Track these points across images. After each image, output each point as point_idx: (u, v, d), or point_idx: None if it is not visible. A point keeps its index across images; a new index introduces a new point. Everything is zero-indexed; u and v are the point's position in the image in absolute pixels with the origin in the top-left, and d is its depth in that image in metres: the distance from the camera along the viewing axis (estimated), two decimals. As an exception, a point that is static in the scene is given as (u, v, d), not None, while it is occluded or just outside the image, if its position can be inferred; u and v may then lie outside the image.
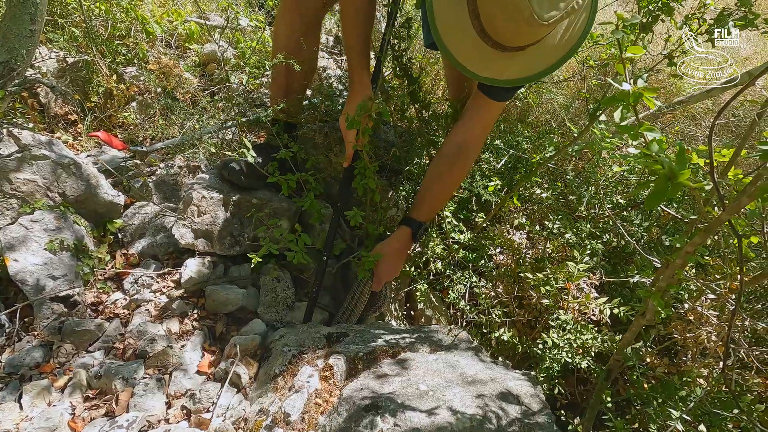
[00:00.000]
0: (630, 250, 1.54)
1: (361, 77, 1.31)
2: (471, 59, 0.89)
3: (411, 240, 1.37)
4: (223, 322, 1.33)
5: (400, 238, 1.37)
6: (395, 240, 1.38)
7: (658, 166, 0.50)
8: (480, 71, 0.90)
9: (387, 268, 1.37)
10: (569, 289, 1.11)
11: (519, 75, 0.93)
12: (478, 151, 1.48)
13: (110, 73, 2.16)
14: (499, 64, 0.88)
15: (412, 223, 1.37)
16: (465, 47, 0.87)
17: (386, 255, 1.36)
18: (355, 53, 1.31)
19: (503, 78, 0.92)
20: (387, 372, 0.91)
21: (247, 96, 2.35)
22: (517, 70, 0.90)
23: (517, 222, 1.54)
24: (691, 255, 0.65)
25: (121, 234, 1.49)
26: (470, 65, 0.89)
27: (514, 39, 0.84)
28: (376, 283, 1.37)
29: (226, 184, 1.50)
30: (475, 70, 0.90)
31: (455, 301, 1.49)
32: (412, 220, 1.37)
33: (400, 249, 1.38)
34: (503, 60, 0.87)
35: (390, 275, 1.40)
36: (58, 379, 1.06)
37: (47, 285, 1.23)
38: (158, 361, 1.12)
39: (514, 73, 0.91)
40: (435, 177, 1.38)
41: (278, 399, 0.91)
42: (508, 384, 0.88)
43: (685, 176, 0.48)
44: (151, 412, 1.00)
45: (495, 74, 0.90)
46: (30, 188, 1.33)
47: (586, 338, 1.08)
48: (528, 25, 0.79)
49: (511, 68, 0.89)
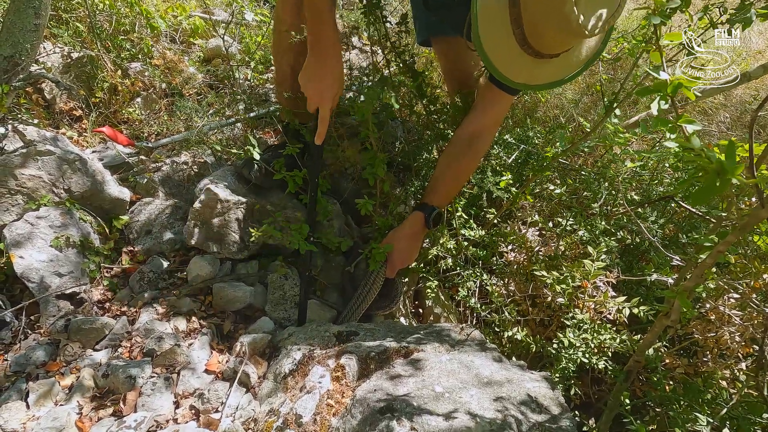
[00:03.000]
0: (644, 247, 1.50)
1: (336, 38, 1.13)
2: (507, 65, 0.93)
3: (424, 226, 1.35)
4: (230, 320, 1.31)
5: (413, 224, 1.35)
6: (408, 225, 1.35)
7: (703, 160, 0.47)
8: (514, 77, 0.94)
9: (401, 253, 1.34)
10: (586, 287, 1.08)
11: (548, 80, 0.97)
12: (489, 142, 1.47)
13: (115, 68, 2.14)
14: (532, 70, 0.93)
15: (425, 208, 1.34)
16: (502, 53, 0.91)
17: (400, 240, 1.34)
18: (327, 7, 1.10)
19: (534, 83, 0.97)
20: (400, 372, 0.89)
21: (253, 91, 2.32)
22: (547, 75, 0.95)
23: (531, 219, 1.51)
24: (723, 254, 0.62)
25: (127, 230, 1.47)
26: (506, 71, 0.93)
27: (554, 47, 0.88)
28: (389, 270, 1.34)
29: (243, 183, 1.48)
30: (510, 76, 0.94)
31: (465, 298, 1.46)
32: (424, 205, 1.35)
33: (413, 234, 1.36)
34: (536, 66, 0.91)
35: (404, 261, 1.37)
36: (65, 377, 1.05)
37: (53, 282, 1.21)
38: (166, 359, 1.10)
39: (544, 78, 0.96)
40: (447, 165, 1.37)
41: (289, 400, 0.88)
42: (526, 385, 0.86)
43: (737, 172, 0.45)
44: (159, 411, 0.98)
45: (527, 79, 0.95)
46: (35, 184, 1.31)
47: (604, 338, 1.05)
48: (574, 35, 0.82)
49: (542, 73, 0.94)
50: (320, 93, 1.15)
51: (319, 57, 1.12)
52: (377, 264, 1.33)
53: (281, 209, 1.44)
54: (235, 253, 1.41)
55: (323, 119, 1.19)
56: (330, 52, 1.13)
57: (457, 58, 1.72)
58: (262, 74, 2.45)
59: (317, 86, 1.15)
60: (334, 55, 1.14)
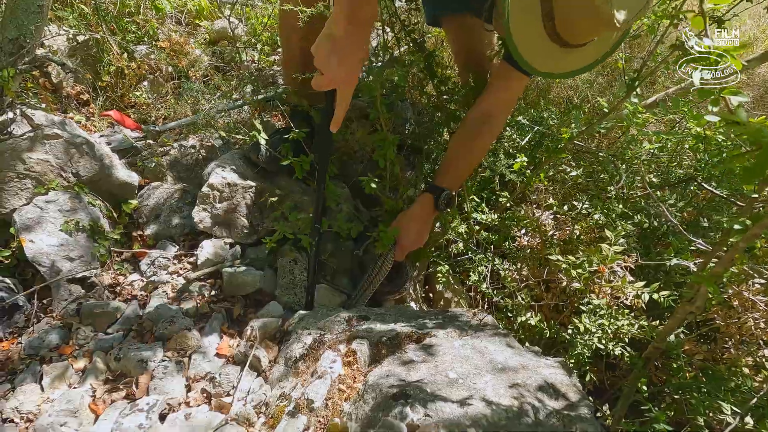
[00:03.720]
0: (662, 231, 1.46)
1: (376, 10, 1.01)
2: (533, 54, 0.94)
3: (434, 208, 1.32)
4: (240, 304, 1.31)
5: (422, 206, 1.32)
6: (417, 207, 1.33)
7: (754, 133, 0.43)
8: (540, 66, 0.95)
9: (410, 236, 1.32)
10: (603, 272, 1.05)
11: (570, 68, 0.98)
12: (503, 123, 1.44)
13: (121, 51, 2.11)
14: (557, 60, 0.94)
15: (435, 190, 1.32)
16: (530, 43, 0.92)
17: (408, 222, 1.32)
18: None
19: (557, 72, 0.98)
20: (413, 358, 0.87)
21: (260, 74, 2.28)
22: (571, 63, 0.96)
23: (547, 202, 1.47)
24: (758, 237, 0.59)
25: (137, 215, 1.47)
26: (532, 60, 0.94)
27: (583, 38, 0.90)
28: (398, 253, 1.33)
29: (251, 167, 1.46)
30: (536, 66, 0.95)
31: (477, 283, 1.44)
32: (434, 186, 1.33)
33: (423, 216, 1.33)
34: (562, 55, 0.93)
35: (413, 244, 1.34)
36: (78, 361, 1.05)
37: (64, 266, 1.21)
38: (177, 343, 1.10)
39: (567, 66, 0.97)
40: (459, 146, 1.34)
41: (300, 384, 0.88)
42: (543, 372, 0.84)
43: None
44: (171, 395, 0.99)
45: (552, 68, 0.97)
46: (43, 168, 1.30)
47: (621, 324, 1.03)
48: (605, 26, 0.84)
49: (566, 62, 0.95)
50: (344, 70, 0.99)
51: (355, 28, 0.94)
52: (385, 247, 1.30)
53: (289, 193, 1.42)
54: (244, 238, 1.40)
55: (343, 103, 1.05)
56: (368, 24, 0.97)
57: (468, 37, 1.66)
58: (269, 56, 2.41)
59: (343, 62, 0.97)
60: (369, 30, 1.00)
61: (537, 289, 1.28)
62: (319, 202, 1.25)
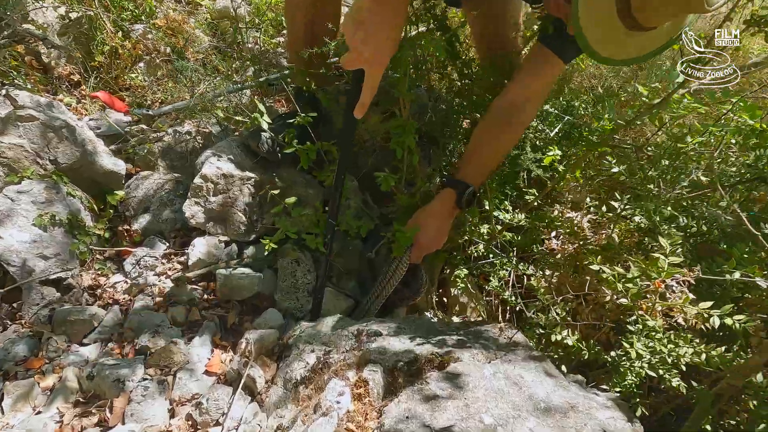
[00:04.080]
0: (714, 238, 1.29)
1: None
2: (597, 37, 0.81)
3: (455, 204, 1.17)
4: (235, 310, 1.16)
5: (443, 202, 1.17)
6: (438, 203, 1.18)
7: None
8: (601, 50, 0.82)
9: (429, 235, 1.16)
10: (659, 287, 0.89)
11: (635, 54, 0.85)
12: (535, 112, 1.29)
13: (115, 29, 1.96)
14: (619, 44, 0.82)
15: (458, 185, 1.16)
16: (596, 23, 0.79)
17: (428, 220, 1.17)
18: None
19: (617, 58, 0.85)
20: (436, 392, 0.72)
21: (263, 56, 2.12)
22: (633, 49, 0.84)
23: (586, 202, 1.30)
24: None
25: (123, 207, 1.32)
26: (595, 44, 0.81)
27: (660, 20, 0.78)
28: (415, 254, 1.17)
29: (250, 156, 1.31)
30: (597, 49, 0.82)
31: (498, 289, 1.28)
32: (457, 181, 1.17)
33: (443, 214, 1.18)
34: (624, 39, 0.80)
35: (432, 245, 1.19)
36: (46, 377, 0.91)
37: (37, 266, 1.07)
38: (161, 359, 0.96)
39: (627, 52, 0.84)
40: (485, 137, 1.20)
41: (301, 421, 0.73)
42: (597, 415, 0.68)
43: None
44: (150, 422, 0.84)
45: (612, 53, 0.84)
46: (16, 154, 1.16)
47: (683, 351, 0.87)
48: (693, 9, 0.74)
49: (629, 47, 0.83)
50: (370, 49, 0.86)
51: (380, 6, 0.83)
52: (402, 250, 1.15)
53: (292, 185, 1.27)
54: (241, 235, 1.25)
55: (370, 86, 0.91)
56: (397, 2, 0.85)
57: (491, 19, 1.49)
58: (273, 38, 2.24)
59: (368, 40, 0.85)
60: (400, 8, 0.87)
61: (573, 303, 1.12)
62: (337, 196, 1.08)
